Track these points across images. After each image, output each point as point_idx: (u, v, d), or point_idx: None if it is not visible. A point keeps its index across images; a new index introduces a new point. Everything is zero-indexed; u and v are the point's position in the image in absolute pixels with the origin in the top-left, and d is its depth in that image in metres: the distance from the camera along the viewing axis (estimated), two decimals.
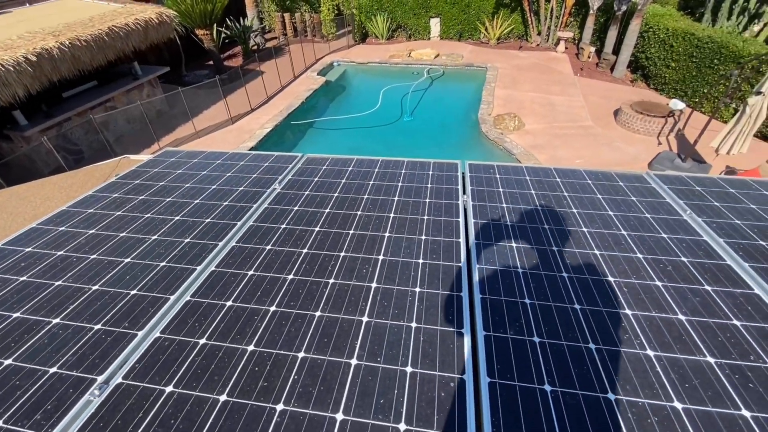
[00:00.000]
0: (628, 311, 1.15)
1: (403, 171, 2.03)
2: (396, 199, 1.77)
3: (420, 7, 14.62)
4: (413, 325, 1.12)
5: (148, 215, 1.72)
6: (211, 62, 13.12)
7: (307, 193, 1.84)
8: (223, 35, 12.98)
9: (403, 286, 1.27)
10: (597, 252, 1.40)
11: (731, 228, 1.52)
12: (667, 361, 0.99)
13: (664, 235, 1.49)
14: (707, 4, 10.82)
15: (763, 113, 5.44)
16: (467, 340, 1.07)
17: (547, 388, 0.94)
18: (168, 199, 1.84)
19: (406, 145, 9.80)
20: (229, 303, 1.23)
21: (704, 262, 1.34)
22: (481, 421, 0.87)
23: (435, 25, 15.06)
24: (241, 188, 1.91)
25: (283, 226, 1.60)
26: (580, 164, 7.20)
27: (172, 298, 1.25)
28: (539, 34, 13.81)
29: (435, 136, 9.92)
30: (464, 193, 1.82)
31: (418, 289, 1.25)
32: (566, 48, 13.24)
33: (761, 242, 1.43)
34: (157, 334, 1.12)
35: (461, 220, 1.60)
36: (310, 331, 1.11)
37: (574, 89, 10.33)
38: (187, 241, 1.53)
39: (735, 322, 1.11)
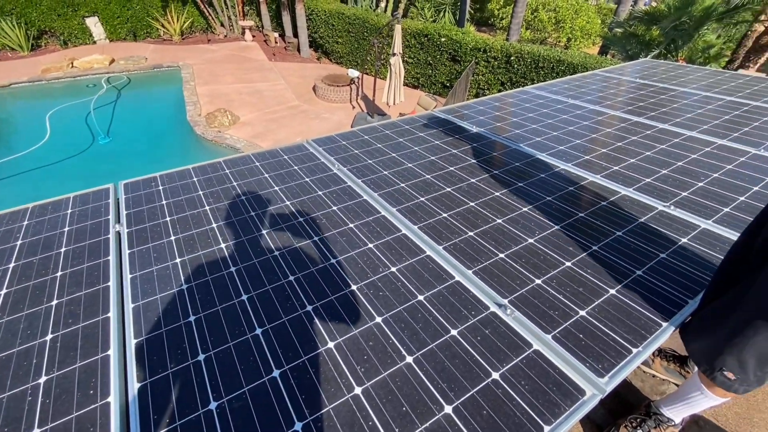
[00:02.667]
0: (291, 277, 1.20)
1: (26, 222, 1.51)
2: (10, 266, 1.29)
3: (63, 6, 11.62)
4: None
5: None
6: None
7: None
8: None
9: (18, 385, 0.92)
10: (264, 231, 1.42)
11: (366, 169, 1.85)
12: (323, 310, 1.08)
13: (320, 192, 1.66)
14: None
15: (402, 69, 7.19)
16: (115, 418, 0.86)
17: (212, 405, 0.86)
18: None
19: (113, 172, 7.99)
20: None
21: (349, 205, 1.57)
22: None
23: (95, 25, 12.41)
24: None
25: None
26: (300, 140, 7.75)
27: None
28: (222, 25, 13.55)
29: (146, 153, 8.50)
30: (118, 221, 1.51)
31: (43, 380, 0.93)
32: (254, 36, 13.58)
33: (383, 173, 1.80)
34: None
35: (112, 257, 1.31)
36: None
37: (273, 74, 10.81)
38: None
39: (370, 245, 1.33)
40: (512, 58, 8.37)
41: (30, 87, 10.12)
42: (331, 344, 0.99)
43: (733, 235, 1.37)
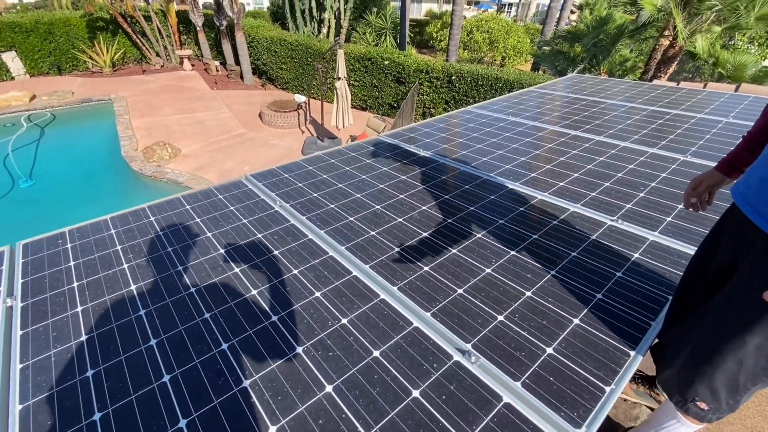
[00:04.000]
0: (224, 346, 1.03)
1: None
2: None
3: None
4: None
5: None
6: None
7: None
8: None
9: None
10: (193, 290, 1.23)
11: (310, 203, 1.72)
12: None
13: (259, 235, 1.50)
14: (287, 15, 13.18)
15: (348, 92, 7.19)
16: None
17: None
18: None
19: (38, 218, 7.19)
20: None
21: (293, 247, 1.42)
22: None
23: (12, 60, 11.40)
24: None
25: None
26: (249, 170, 7.44)
27: None
28: (158, 55, 12.99)
29: (76, 194, 7.77)
30: (11, 294, 1.25)
31: None
32: (193, 65, 13.13)
33: (329, 207, 1.68)
34: None
35: None
36: None
37: (216, 102, 10.44)
38: None
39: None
40: (453, 77, 8.69)
41: None
42: (272, 429, 0.83)
43: (680, 246, 1.39)
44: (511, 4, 39.28)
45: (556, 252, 1.37)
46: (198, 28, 12.18)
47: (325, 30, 13.22)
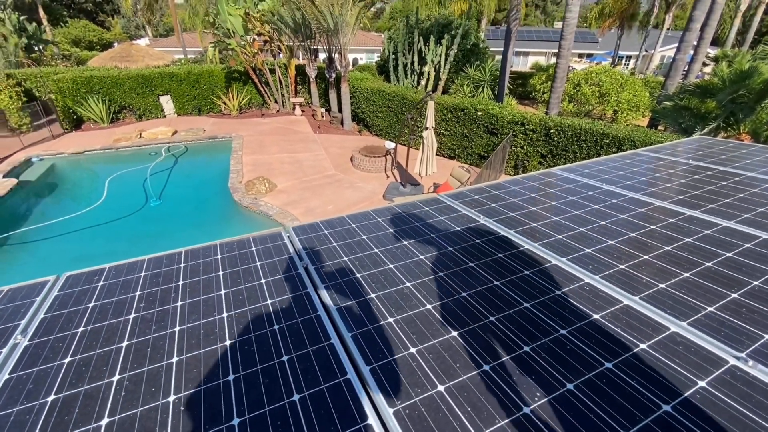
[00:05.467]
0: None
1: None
2: None
3: (142, 87, 13.43)
4: None
5: None
6: None
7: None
8: None
9: None
10: (176, 357, 1.10)
11: (339, 273, 1.53)
12: None
13: (269, 301, 1.35)
14: (390, 69, 14.09)
15: (434, 141, 7.15)
16: None
17: None
18: None
19: (157, 232, 8.38)
20: None
21: (305, 353, 1.23)
22: None
23: (167, 102, 14.12)
24: None
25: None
26: (332, 210, 7.75)
27: None
28: (276, 101, 14.86)
29: (190, 216, 8.93)
30: (25, 330, 1.28)
31: None
32: (303, 111, 14.69)
33: (353, 276, 1.47)
34: None
35: None
36: None
37: (315, 145, 11.36)
38: None
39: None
40: (551, 131, 8.12)
41: (102, 154, 11.37)
42: None
43: None
44: (629, 57, 36.70)
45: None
46: (311, 80, 13.69)
47: (423, 82, 13.76)
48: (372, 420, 0.91)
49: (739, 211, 1.92)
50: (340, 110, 13.20)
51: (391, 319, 1.24)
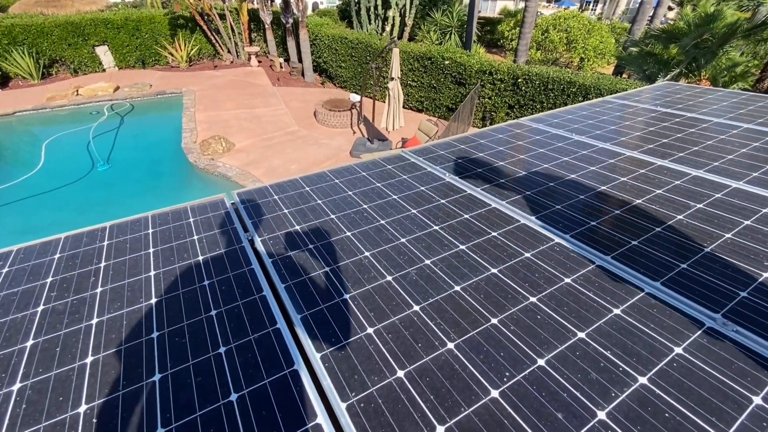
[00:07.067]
0: None
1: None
2: None
3: (74, 36, 11.86)
4: None
5: None
6: None
7: None
8: None
9: None
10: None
11: (286, 239, 1.36)
12: None
13: (216, 281, 1.17)
14: (353, 13, 13.12)
15: (401, 93, 6.81)
16: None
17: None
18: None
19: (107, 199, 7.75)
20: None
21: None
22: None
23: (105, 53, 12.64)
24: None
25: None
26: (295, 169, 7.39)
27: None
28: (229, 51, 13.63)
29: (141, 180, 8.30)
30: None
31: None
32: (260, 62, 13.59)
33: (306, 248, 1.30)
34: None
35: None
36: None
37: (275, 99, 10.64)
38: None
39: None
40: (519, 80, 7.93)
41: (35, 115, 10.19)
42: None
43: None
44: (596, 1, 36.09)
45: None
46: (266, 26, 12.55)
47: (388, 28, 12.95)
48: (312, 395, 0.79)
49: (708, 159, 1.87)
50: (300, 60, 12.29)
51: (347, 296, 1.10)
